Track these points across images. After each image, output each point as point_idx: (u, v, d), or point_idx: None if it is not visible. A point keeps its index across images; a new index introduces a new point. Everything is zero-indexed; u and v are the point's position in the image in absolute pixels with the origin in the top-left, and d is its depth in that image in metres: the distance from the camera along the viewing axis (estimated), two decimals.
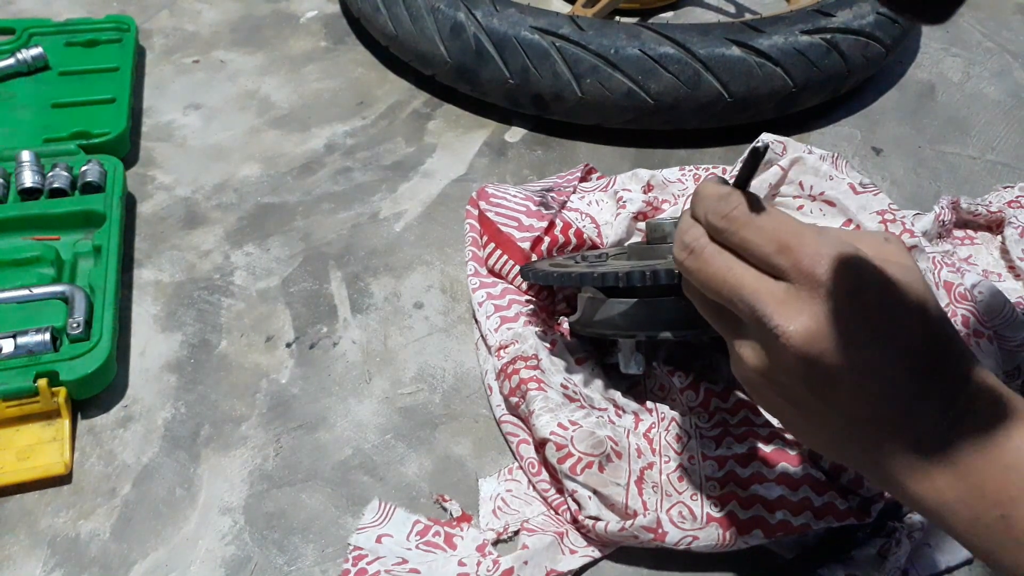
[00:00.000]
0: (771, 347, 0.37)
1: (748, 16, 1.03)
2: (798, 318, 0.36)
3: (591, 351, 0.62)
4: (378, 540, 0.52)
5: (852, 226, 0.66)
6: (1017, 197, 0.75)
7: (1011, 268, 0.70)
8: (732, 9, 1.07)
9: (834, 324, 0.35)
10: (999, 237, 0.73)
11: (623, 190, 0.69)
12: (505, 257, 0.64)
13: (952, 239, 0.73)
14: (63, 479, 0.55)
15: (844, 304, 0.35)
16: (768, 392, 0.40)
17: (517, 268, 0.62)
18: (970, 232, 0.74)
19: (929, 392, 0.36)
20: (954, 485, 0.35)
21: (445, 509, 0.54)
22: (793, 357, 0.36)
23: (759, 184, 0.70)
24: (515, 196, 0.67)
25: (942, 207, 0.71)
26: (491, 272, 0.65)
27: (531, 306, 0.62)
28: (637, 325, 0.53)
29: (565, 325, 0.63)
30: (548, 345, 0.59)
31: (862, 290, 0.35)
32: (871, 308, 0.36)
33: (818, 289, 0.35)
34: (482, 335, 0.62)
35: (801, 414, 0.39)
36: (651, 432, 0.55)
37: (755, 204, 0.38)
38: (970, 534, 0.36)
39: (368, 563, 0.50)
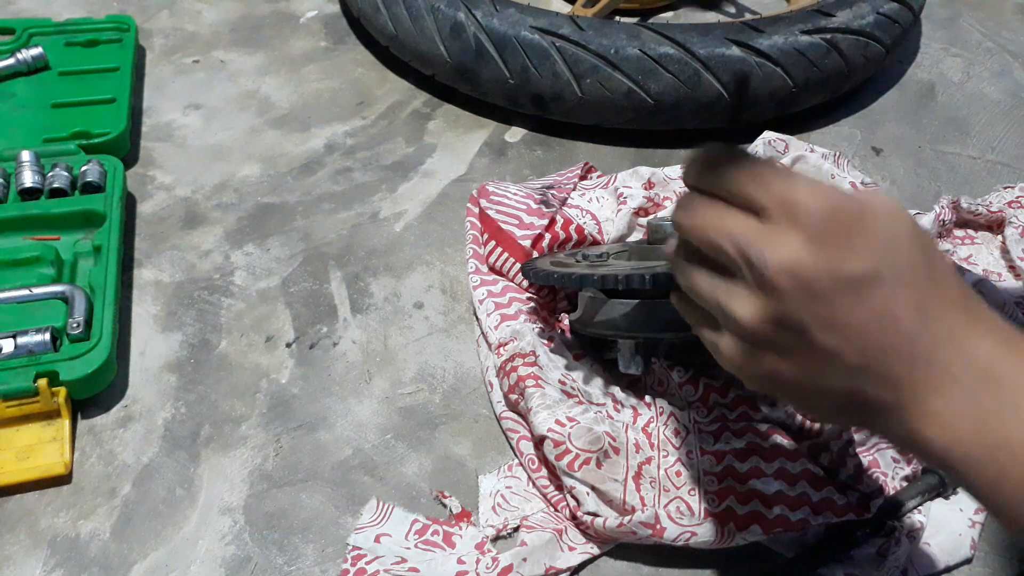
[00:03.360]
0: (762, 286, 0.35)
1: (748, 16, 1.03)
2: (782, 248, 0.34)
3: (589, 348, 0.62)
4: (377, 540, 0.52)
5: None
6: (1017, 197, 0.75)
7: (1011, 268, 0.70)
8: (732, 9, 1.07)
9: (818, 249, 0.34)
10: (999, 237, 0.73)
11: (624, 187, 0.69)
12: (506, 255, 0.64)
13: (952, 239, 0.73)
14: (63, 479, 0.55)
15: (826, 229, 0.34)
16: (765, 355, 0.37)
17: (518, 266, 0.63)
18: (970, 232, 0.74)
19: (942, 326, 0.34)
20: (980, 436, 0.33)
21: (445, 505, 0.54)
22: (785, 290, 0.35)
23: None
24: (516, 194, 0.67)
25: (942, 207, 0.71)
26: (492, 270, 0.65)
27: (532, 303, 0.62)
28: (637, 326, 0.53)
29: (566, 322, 0.64)
30: (546, 342, 0.59)
31: (841, 214, 0.34)
32: (854, 230, 0.34)
33: (797, 216, 0.35)
34: (483, 332, 0.62)
35: (803, 372, 0.37)
36: (649, 427, 0.55)
37: (738, 151, 0.38)
38: (994, 492, 0.34)
39: (367, 563, 0.50)
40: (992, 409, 0.33)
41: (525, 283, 0.64)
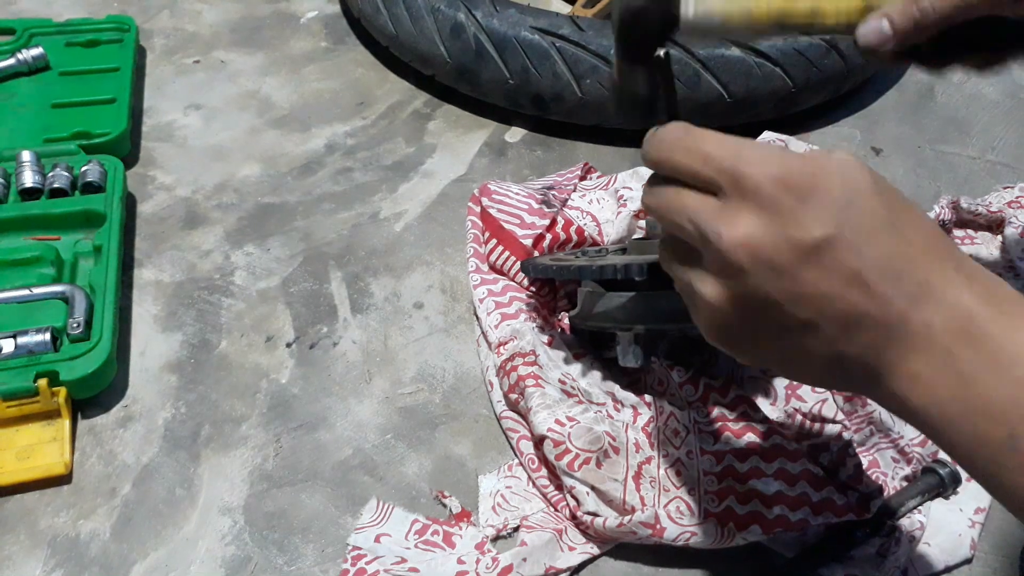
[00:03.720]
0: (723, 268, 0.35)
1: None
2: (737, 225, 0.34)
3: (589, 346, 0.62)
4: (376, 540, 0.52)
5: None
6: (1017, 197, 0.75)
7: (1011, 268, 0.70)
8: None
9: (772, 220, 0.33)
10: (999, 237, 0.73)
11: (624, 188, 0.69)
12: (507, 253, 0.64)
13: (952, 239, 0.73)
14: (63, 479, 0.55)
15: (778, 197, 0.33)
16: (742, 327, 0.36)
17: (519, 264, 0.63)
18: (970, 232, 0.74)
19: (915, 282, 0.33)
20: (958, 397, 0.32)
21: (444, 505, 0.54)
22: (746, 268, 0.34)
23: None
24: (517, 194, 0.68)
25: (942, 207, 0.71)
26: (492, 268, 0.65)
27: (532, 302, 0.62)
28: (635, 318, 0.53)
29: (566, 320, 0.64)
30: (546, 341, 0.59)
31: (792, 179, 0.33)
32: (807, 195, 0.33)
33: (746, 189, 0.34)
34: (483, 331, 0.62)
35: (784, 346, 0.36)
36: (649, 426, 0.55)
37: (684, 128, 0.38)
38: (972, 454, 0.33)
39: (367, 563, 0.50)
40: (969, 369, 0.32)
41: (526, 282, 0.64)
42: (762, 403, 0.57)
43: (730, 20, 0.42)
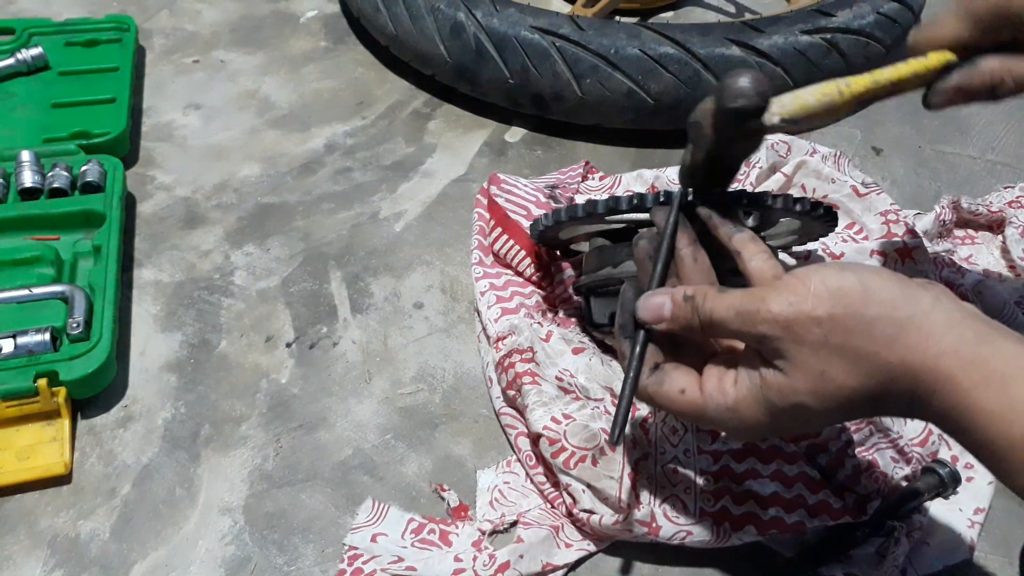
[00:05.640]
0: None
1: (748, 16, 1.03)
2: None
3: (588, 342, 0.62)
4: (373, 539, 0.52)
5: (856, 228, 0.66)
6: (1017, 197, 0.75)
7: (1011, 268, 0.70)
8: (732, 9, 1.07)
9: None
10: (1000, 237, 0.73)
11: (627, 194, 0.69)
12: (512, 242, 0.64)
13: (953, 239, 0.73)
14: (63, 479, 0.55)
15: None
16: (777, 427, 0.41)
17: (523, 253, 0.62)
18: (971, 232, 0.74)
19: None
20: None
21: (443, 498, 0.54)
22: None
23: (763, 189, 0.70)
24: (525, 186, 0.68)
25: (943, 207, 0.71)
26: (496, 257, 0.65)
27: (534, 297, 0.62)
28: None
29: (571, 289, 0.63)
30: (544, 337, 0.59)
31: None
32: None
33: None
34: (483, 325, 0.62)
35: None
36: (647, 423, 0.55)
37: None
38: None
39: (364, 562, 0.50)
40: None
41: (528, 273, 0.63)
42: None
43: (814, 117, 0.43)
